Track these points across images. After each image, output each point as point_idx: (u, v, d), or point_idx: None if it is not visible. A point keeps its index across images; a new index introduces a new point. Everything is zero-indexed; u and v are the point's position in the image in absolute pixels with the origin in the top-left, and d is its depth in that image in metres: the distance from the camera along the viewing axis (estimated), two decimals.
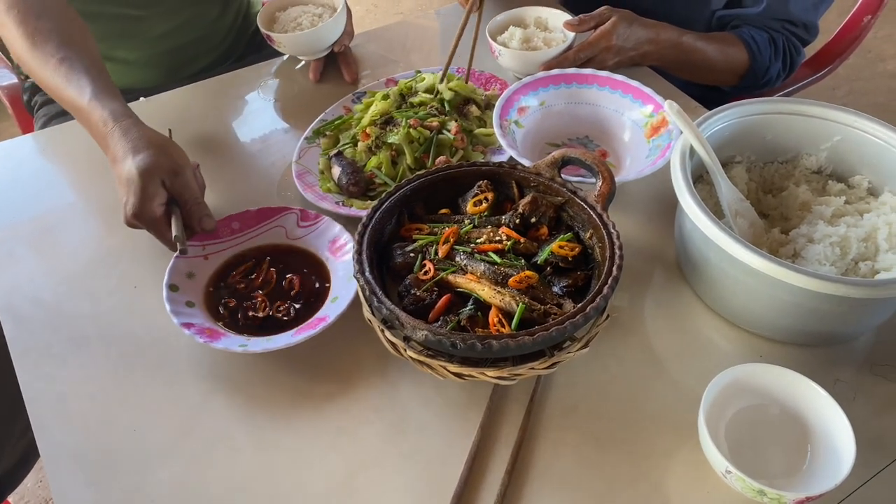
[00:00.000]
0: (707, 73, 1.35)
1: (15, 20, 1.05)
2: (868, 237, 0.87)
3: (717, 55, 1.30)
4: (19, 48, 1.05)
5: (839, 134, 0.95)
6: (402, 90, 1.13)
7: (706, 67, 1.32)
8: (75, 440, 0.80)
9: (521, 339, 0.72)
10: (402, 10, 3.37)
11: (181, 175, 0.93)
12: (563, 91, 1.12)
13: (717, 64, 1.32)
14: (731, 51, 1.31)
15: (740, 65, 1.33)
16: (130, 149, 0.92)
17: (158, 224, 0.91)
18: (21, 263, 0.98)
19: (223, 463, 0.78)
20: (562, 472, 0.77)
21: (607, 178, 0.86)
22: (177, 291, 0.89)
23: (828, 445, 0.74)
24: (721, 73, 1.34)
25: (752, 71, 1.33)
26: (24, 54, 1.05)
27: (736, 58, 1.32)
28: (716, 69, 1.33)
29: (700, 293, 0.93)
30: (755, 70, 1.33)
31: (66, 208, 1.07)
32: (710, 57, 1.30)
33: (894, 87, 2.90)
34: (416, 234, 0.87)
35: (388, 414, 0.82)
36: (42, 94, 1.42)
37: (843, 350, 0.88)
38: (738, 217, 0.91)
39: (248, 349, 0.83)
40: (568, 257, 0.83)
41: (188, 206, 0.93)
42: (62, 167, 1.07)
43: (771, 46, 1.33)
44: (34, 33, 1.03)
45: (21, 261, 0.99)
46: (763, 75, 1.35)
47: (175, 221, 0.91)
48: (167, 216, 0.92)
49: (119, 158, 0.93)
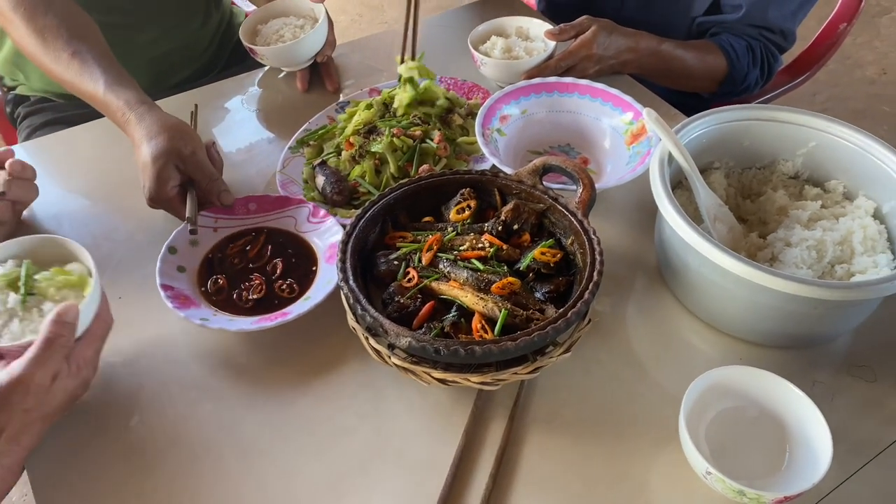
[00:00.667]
0: (686, 81, 1.37)
1: (23, 18, 1.07)
2: (843, 240, 0.89)
3: (695, 63, 1.32)
4: (31, 46, 1.08)
5: (815, 139, 0.97)
6: (385, 100, 1.14)
7: (685, 75, 1.34)
8: (60, 453, 0.80)
9: (504, 344, 0.73)
10: (387, 19, 3.39)
11: (194, 156, 0.98)
12: (544, 99, 1.13)
13: (696, 71, 1.34)
14: (710, 58, 1.33)
15: (719, 72, 1.35)
16: (145, 135, 0.97)
17: (174, 204, 0.98)
18: None
19: (210, 472, 0.78)
20: (545, 474, 0.78)
21: (588, 185, 0.87)
22: (174, 254, 0.93)
23: (806, 446, 0.75)
24: (700, 80, 1.37)
25: (731, 78, 1.35)
26: (36, 51, 1.07)
27: (714, 65, 1.34)
28: (695, 76, 1.35)
29: (680, 297, 0.94)
30: (733, 77, 1.35)
31: (49, 219, 1.07)
32: (689, 64, 1.32)
33: (873, 93, 2.94)
34: (400, 241, 0.88)
35: (373, 420, 0.82)
36: (26, 106, 1.42)
37: (821, 352, 0.89)
38: (717, 222, 0.92)
39: (208, 325, 0.85)
40: (550, 263, 0.84)
41: (203, 184, 0.98)
42: (46, 178, 1.07)
43: (749, 54, 1.35)
44: (43, 30, 1.06)
45: None
46: (741, 82, 1.37)
47: (189, 201, 0.96)
48: (182, 196, 0.98)
49: (137, 145, 0.99)
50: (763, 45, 1.36)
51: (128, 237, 1.04)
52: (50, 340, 0.72)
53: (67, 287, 0.79)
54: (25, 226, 1.05)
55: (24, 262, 0.80)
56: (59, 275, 0.80)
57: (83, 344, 0.78)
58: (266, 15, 1.34)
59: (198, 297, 0.91)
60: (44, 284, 0.79)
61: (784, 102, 1.33)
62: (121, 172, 1.13)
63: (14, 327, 0.76)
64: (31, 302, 0.78)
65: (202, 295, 0.91)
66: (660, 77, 1.34)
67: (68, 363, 0.75)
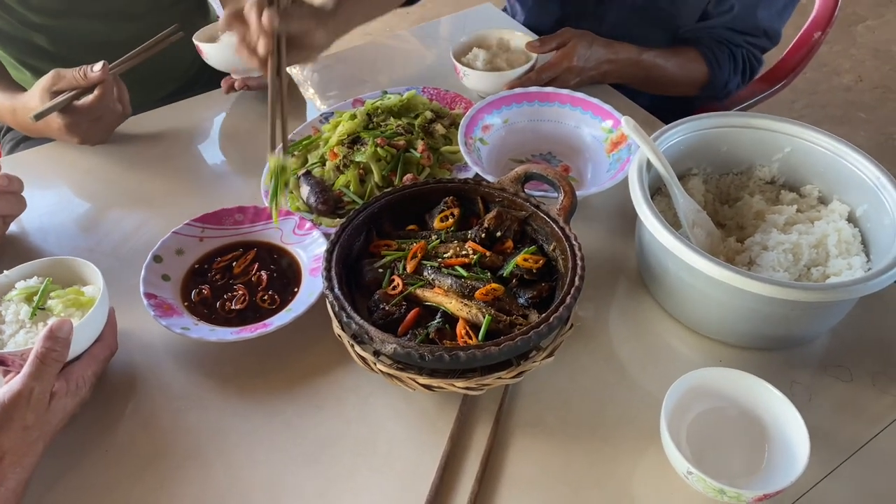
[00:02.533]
0: (668, 87, 1.39)
1: None
2: (819, 243, 0.91)
3: (676, 70, 1.35)
4: None
5: (790, 145, 0.99)
6: (368, 110, 1.15)
7: (667, 82, 1.36)
8: (46, 461, 0.80)
9: (488, 349, 0.74)
10: (370, 30, 3.40)
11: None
12: (525, 109, 1.15)
13: (678, 78, 1.36)
14: (691, 66, 1.36)
15: (700, 78, 1.38)
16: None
17: None
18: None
19: (196, 482, 0.79)
20: (530, 477, 0.79)
21: (569, 192, 0.89)
22: (159, 263, 0.94)
23: (784, 445, 0.76)
24: (681, 86, 1.39)
25: (712, 84, 1.38)
26: None
27: (696, 72, 1.37)
28: (676, 83, 1.38)
29: (661, 301, 0.95)
30: (714, 84, 1.38)
31: (35, 233, 1.07)
32: (670, 73, 1.34)
33: (850, 100, 2.99)
34: (385, 250, 0.89)
35: (359, 427, 0.83)
36: None
37: (798, 353, 0.91)
38: (696, 227, 0.94)
39: (188, 334, 0.86)
40: (532, 269, 0.85)
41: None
42: (31, 191, 1.07)
43: (730, 62, 1.37)
44: None
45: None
46: (722, 88, 1.40)
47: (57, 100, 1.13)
48: None
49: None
50: (746, 50, 1.38)
51: (114, 248, 1.04)
52: (42, 355, 0.74)
53: (75, 306, 0.83)
54: (10, 238, 1.05)
55: (46, 279, 0.84)
56: (72, 294, 0.84)
57: (82, 364, 0.80)
58: None
59: (181, 306, 0.91)
60: (55, 301, 0.82)
61: (763, 109, 1.36)
62: (105, 183, 1.14)
63: (20, 338, 0.80)
64: (40, 316, 0.82)
65: (185, 304, 0.92)
66: (641, 85, 1.37)
67: (67, 382, 0.77)
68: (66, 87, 1.13)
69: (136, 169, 1.17)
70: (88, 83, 1.12)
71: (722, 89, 1.40)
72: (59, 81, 1.13)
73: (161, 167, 1.18)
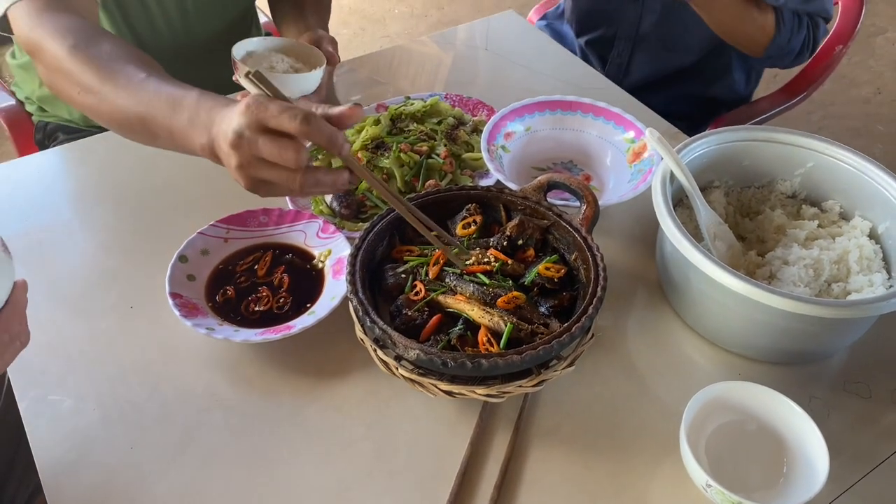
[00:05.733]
0: (737, 25, 1.36)
1: (82, 61, 0.95)
2: (840, 259, 0.91)
3: (750, 9, 1.33)
4: (95, 81, 0.94)
5: (812, 160, 1.00)
6: (392, 115, 1.16)
7: (738, 19, 1.34)
8: (73, 459, 0.81)
9: (510, 357, 0.75)
10: (389, 33, 3.42)
11: None
12: (548, 117, 1.15)
13: (747, 19, 1.34)
14: (761, 16, 1.34)
15: (768, 29, 1.36)
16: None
17: None
18: None
19: (220, 479, 0.80)
20: (549, 486, 0.79)
21: (591, 202, 0.90)
22: (185, 263, 0.95)
23: (803, 460, 0.77)
24: (749, 30, 1.37)
25: (777, 41, 1.37)
26: (105, 83, 0.94)
27: (764, 22, 1.35)
28: (745, 23, 1.35)
29: (681, 313, 0.96)
30: (779, 40, 1.37)
31: (62, 229, 1.09)
32: (743, 10, 1.32)
33: (868, 112, 2.98)
34: (407, 255, 0.90)
35: (379, 431, 0.84)
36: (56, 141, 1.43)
37: (817, 368, 0.91)
38: (717, 240, 0.95)
39: (213, 335, 0.86)
40: (554, 278, 0.86)
41: None
42: (59, 189, 1.09)
43: (795, 19, 1.37)
44: (109, 61, 0.95)
45: None
46: (786, 45, 1.38)
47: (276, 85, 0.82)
48: None
49: None
50: (807, 16, 1.38)
51: (137, 247, 1.05)
52: None
53: None
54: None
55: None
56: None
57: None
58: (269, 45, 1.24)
59: (205, 306, 0.92)
60: None
61: (780, 121, 1.36)
62: (134, 182, 1.15)
63: None
64: None
65: (210, 305, 0.93)
66: (713, 15, 1.34)
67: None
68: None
69: (162, 168, 1.18)
70: (336, 151, 0.80)
71: (786, 46, 1.39)
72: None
73: (186, 168, 1.19)
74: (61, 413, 0.85)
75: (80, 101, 0.98)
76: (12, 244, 1.04)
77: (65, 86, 0.98)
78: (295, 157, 0.77)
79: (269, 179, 0.80)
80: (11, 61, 1.43)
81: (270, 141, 0.76)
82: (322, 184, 0.81)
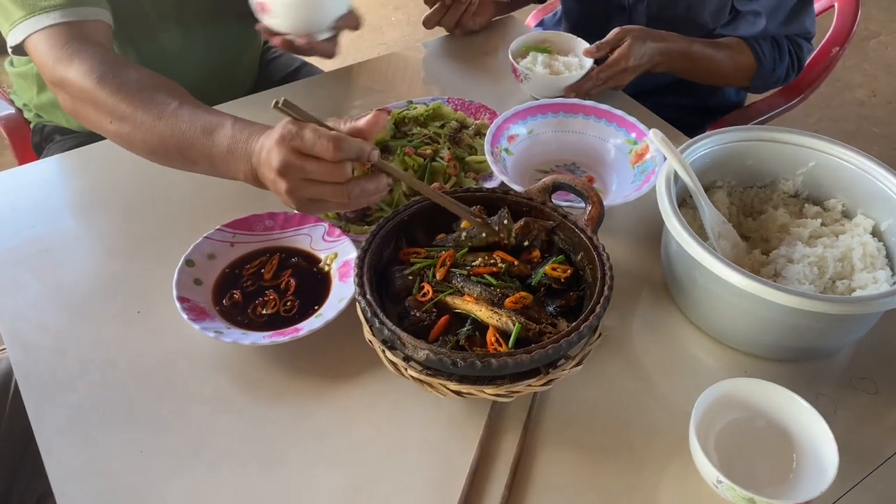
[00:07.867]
0: (717, 79, 1.44)
1: (112, 91, 0.97)
2: (844, 257, 0.92)
3: (725, 61, 1.38)
4: (128, 110, 0.96)
5: (814, 160, 1.00)
6: (396, 119, 1.16)
7: (715, 73, 1.40)
8: (82, 463, 0.81)
9: (519, 357, 0.75)
10: (386, 40, 3.43)
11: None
12: (550, 120, 1.16)
13: (726, 70, 1.40)
14: (739, 57, 1.40)
15: (748, 69, 1.41)
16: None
17: None
18: (25, 290, 0.99)
19: (230, 482, 0.80)
20: (559, 485, 0.80)
21: (596, 202, 0.90)
22: (192, 267, 0.95)
23: (812, 455, 0.77)
24: (730, 77, 1.43)
25: (760, 74, 1.41)
26: (138, 111, 0.96)
27: (743, 63, 1.40)
28: (725, 74, 1.42)
29: (686, 312, 0.96)
30: (762, 73, 1.41)
31: (67, 235, 1.09)
32: (719, 64, 1.38)
33: (863, 115, 3.00)
34: (414, 257, 0.90)
35: (389, 432, 0.84)
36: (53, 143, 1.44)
37: (823, 365, 0.92)
38: (721, 239, 0.95)
39: (221, 338, 0.87)
40: (560, 279, 0.86)
41: None
42: (63, 195, 1.09)
43: (775, 49, 1.40)
44: (140, 91, 0.97)
45: (25, 288, 1.00)
46: (770, 76, 1.43)
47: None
48: None
49: None
50: (788, 38, 1.41)
51: (143, 252, 1.05)
52: None
53: None
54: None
55: None
56: None
57: None
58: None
59: (213, 310, 0.92)
60: None
61: (778, 123, 1.37)
62: (139, 188, 1.15)
63: None
64: None
65: (217, 308, 0.93)
66: (690, 76, 1.40)
67: None
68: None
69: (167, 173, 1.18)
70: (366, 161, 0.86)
71: (770, 77, 1.43)
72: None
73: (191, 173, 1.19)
74: (70, 418, 0.85)
75: (111, 130, 1.00)
76: (18, 252, 1.05)
77: (94, 115, 1.00)
78: (341, 173, 0.83)
79: (319, 197, 0.86)
80: (10, 69, 1.43)
81: (315, 162, 0.83)
82: (367, 191, 0.87)
